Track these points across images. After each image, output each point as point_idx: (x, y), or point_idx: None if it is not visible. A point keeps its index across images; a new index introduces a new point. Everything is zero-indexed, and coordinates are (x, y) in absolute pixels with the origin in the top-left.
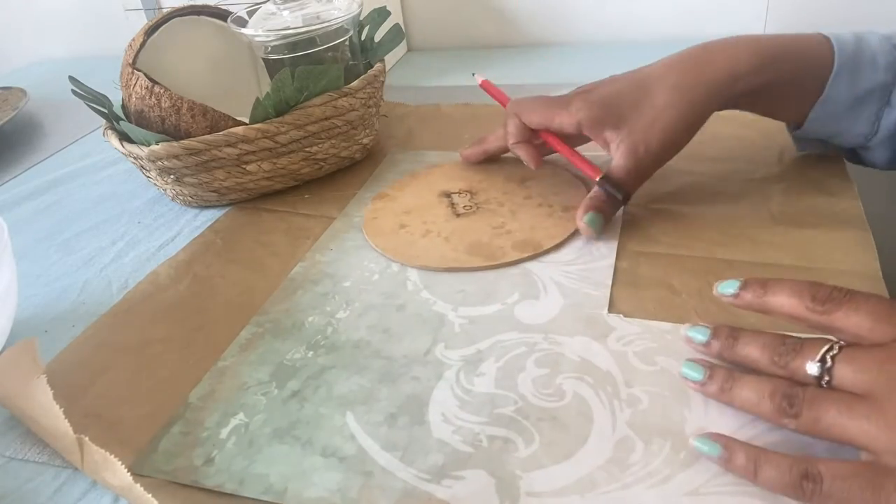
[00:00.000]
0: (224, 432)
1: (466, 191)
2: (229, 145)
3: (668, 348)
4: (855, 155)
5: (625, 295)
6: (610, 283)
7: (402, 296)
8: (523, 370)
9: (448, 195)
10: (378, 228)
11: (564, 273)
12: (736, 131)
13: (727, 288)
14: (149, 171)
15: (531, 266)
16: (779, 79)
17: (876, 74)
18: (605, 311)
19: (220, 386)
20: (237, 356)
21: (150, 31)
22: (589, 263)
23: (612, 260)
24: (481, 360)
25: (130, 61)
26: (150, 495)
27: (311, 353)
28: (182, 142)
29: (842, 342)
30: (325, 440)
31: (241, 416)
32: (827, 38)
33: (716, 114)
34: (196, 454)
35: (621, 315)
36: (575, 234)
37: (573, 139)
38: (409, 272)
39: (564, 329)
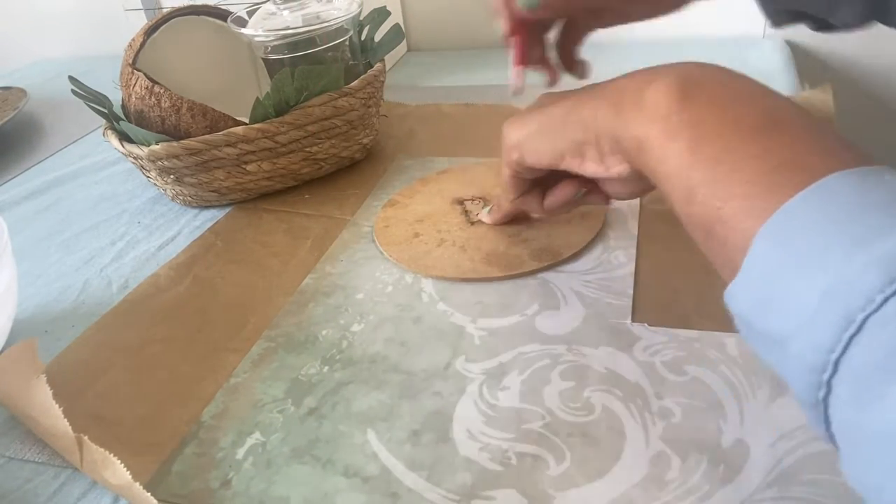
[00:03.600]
0: (240, 452)
1: (480, 197)
2: (229, 145)
3: (697, 357)
4: (825, 24)
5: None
6: (631, 292)
7: (417, 308)
8: (549, 383)
9: (461, 202)
10: (390, 237)
11: (584, 282)
12: None
13: (484, 215)
14: (149, 171)
15: (549, 276)
16: None
17: None
18: (629, 320)
19: (233, 404)
20: (250, 372)
21: (150, 31)
22: (608, 272)
23: (631, 268)
24: (504, 374)
25: (130, 61)
26: (149, 494)
27: (327, 367)
28: (182, 142)
29: None
30: (347, 460)
31: (257, 434)
32: None
33: None
34: (212, 476)
35: (646, 324)
36: (593, 241)
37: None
38: (423, 283)
39: (588, 340)
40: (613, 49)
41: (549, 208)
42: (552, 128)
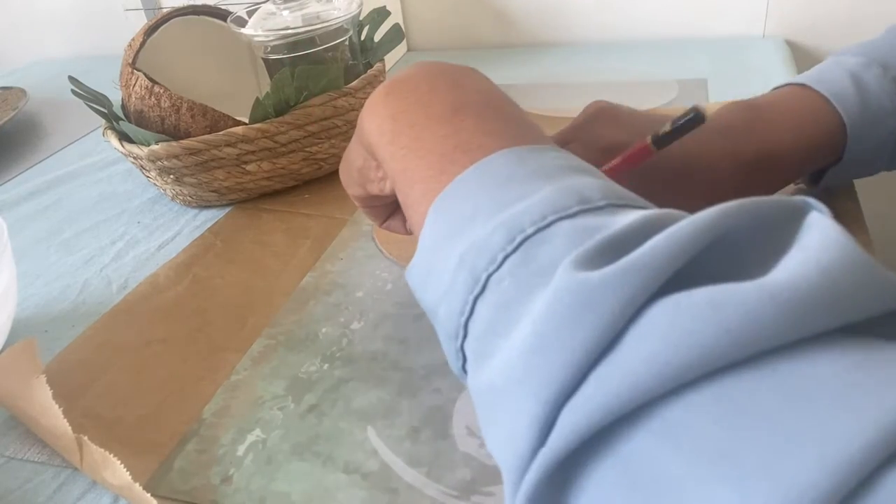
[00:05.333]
0: (241, 449)
1: None
2: (229, 145)
3: None
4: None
5: None
6: None
7: (417, 305)
8: None
9: None
10: (390, 236)
11: None
12: None
13: None
14: (148, 170)
15: None
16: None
17: (889, 120)
18: None
19: (234, 401)
20: (250, 370)
21: (150, 31)
22: None
23: None
24: None
25: (130, 61)
26: (148, 495)
27: (327, 365)
28: (182, 142)
29: None
30: (347, 456)
31: (257, 431)
32: (835, 112)
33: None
34: (213, 473)
35: None
36: None
37: None
38: None
39: None
40: (615, 49)
41: (411, 230)
42: (347, 161)
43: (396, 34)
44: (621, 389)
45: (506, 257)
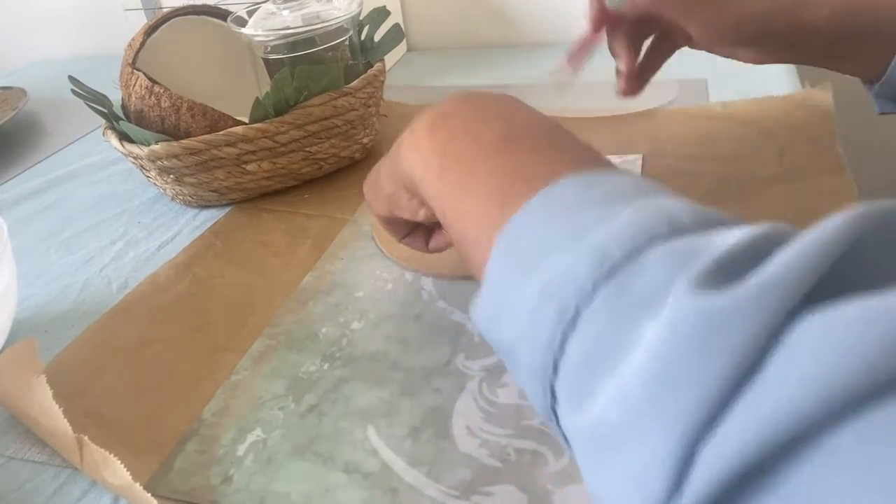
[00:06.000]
0: (241, 449)
1: None
2: (229, 145)
3: None
4: None
5: None
6: None
7: (417, 305)
8: None
9: None
10: (390, 236)
11: None
12: (736, 131)
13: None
14: (148, 170)
15: None
16: (856, 31)
17: None
18: None
19: (234, 401)
20: (250, 369)
21: (150, 31)
22: None
23: None
24: (503, 370)
25: (130, 61)
26: (149, 494)
27: (327, 365)
28: (182, 141)
29: None
30: (347, 456)
31: (258, 431)
32: None
33: (715, 113)
34: (213, 473)
35: None
36: None
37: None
38: (423, 281)
39: None
40: None
41: (434, 249)
42: (375, 183)
43: (396, 34)
44: (777, 417)
45: (596, 286)
